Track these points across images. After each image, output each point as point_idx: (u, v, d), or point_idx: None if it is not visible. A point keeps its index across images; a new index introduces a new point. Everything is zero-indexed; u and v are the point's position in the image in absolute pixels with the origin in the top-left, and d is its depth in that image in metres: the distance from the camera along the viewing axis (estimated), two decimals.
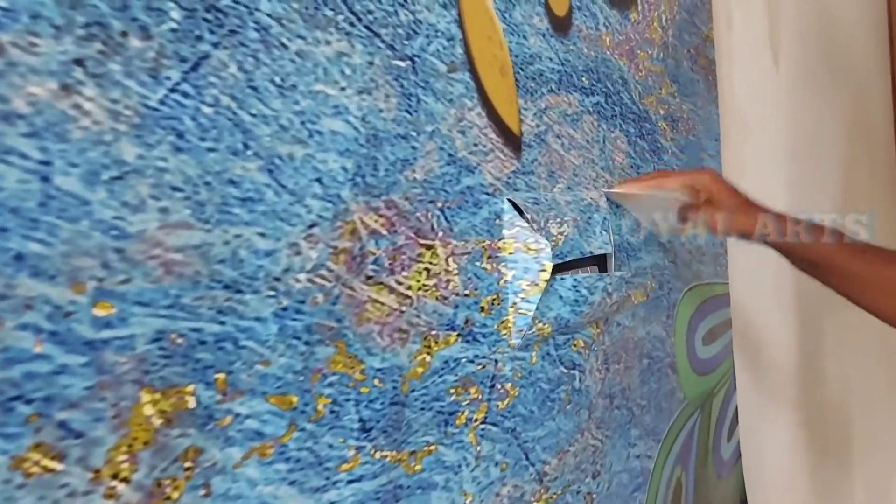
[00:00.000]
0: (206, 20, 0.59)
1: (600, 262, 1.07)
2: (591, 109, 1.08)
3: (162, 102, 0.55)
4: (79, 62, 0.51)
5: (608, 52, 1.14)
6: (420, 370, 0.77)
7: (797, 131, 1.59)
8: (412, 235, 0.76)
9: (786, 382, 1.41)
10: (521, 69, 0.94)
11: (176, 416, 0.56)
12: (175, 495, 0.56)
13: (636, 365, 1.16)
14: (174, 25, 0.56)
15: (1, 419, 0.47)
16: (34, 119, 0.48)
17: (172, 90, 0.56)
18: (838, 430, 1.45)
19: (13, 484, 0.47)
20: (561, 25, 1.03)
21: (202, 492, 0.57)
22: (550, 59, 1.00)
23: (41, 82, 0.49)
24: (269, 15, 0.63)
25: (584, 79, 1.07)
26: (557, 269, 0.95)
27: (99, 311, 0.51)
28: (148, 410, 0.54)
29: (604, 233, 1.04)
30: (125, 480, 0.53)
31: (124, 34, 0.53)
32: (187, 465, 0.57)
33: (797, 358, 1.42)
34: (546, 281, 0.89)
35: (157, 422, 0.55)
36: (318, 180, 0.67)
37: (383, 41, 0.74)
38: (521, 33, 0.95)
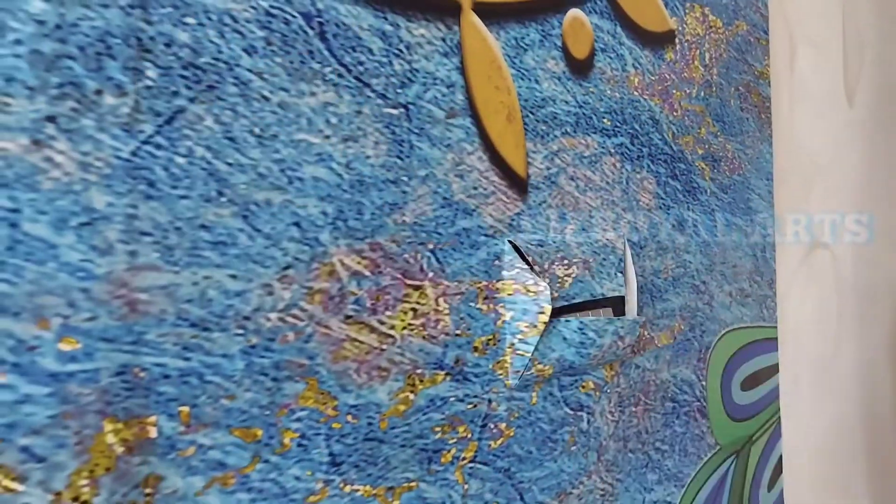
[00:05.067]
0: (182, 77, 0.64)
1: (619, 304, 1.07)
2: (612, 151, 1.09)
3: (134, 154, 0.60)
4: (51, 119, 0.56)
5: (636, 93, 1.14)
6: (402, 408, 0.79)
7: (871, 170, 1.54)
8: (399, 276, 0.79)
9: (839, 430, 1.36)
10: (531, 112, 0.96)
11: (137, 444, 0.60)
12: None
13: (658, 408, 1.15)
14: (150, 83, 0.62)
15: None
16: (4, 171, 0.54)
17: (145, 142, 0.61)
18: (893, 485, 1.38)
19: None
20: (580, 68, 1.04)
21: None
22: (566, 102, 1.01)
23: (12, 138, 0.54)
24: (249, 70, 0.68)
25: (605, 120, 1.08)
26: (565, 310, 0.96)
27: (64, 346, 0.56)
28: (110, 439, 0.59)
29: (618, 275, 1.04)
30: (86, 503, 0.57)
31: (98, 92, 0.59)
32: (147, 490, 0.61)
33: (853, 404, 1.37)
34: (546, 323, 0.90)
35: (119, 449, 0.59)
36: (297, 224, 0.71)
37: (374, 90, 0.78)
38: (533, 78, 0.97)
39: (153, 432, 0.61)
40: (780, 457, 1.38)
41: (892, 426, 1.39)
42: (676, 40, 1.25)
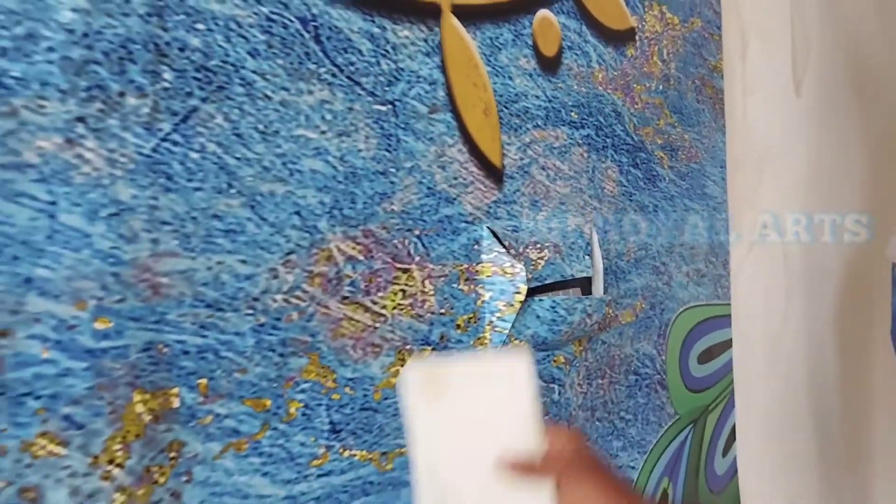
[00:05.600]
0: (195, 78, 0.70)
1: (586, 284, 1.15)
2: (580, 142, 1.16)
3: (154, 150, 0.66)
4: (81, 119, 0.62)
5: (601, 88, 1.22)
6: (394, 380, 0.86)
7: (819, 157, 1.64)
8: (389, 260, 0.86)
9: (787, 402, 1.46)
10: (506, 107, 1.03)
11: (163, 414, 0.67)
12: (161, 480, 0.66)
13: (622, 380, 1.23)
14: (166, 85, 0.67)
15: (13, 411, 0.58)
16: (42, 168, 0.59)
17: (164, 139, 0.67)
18: (841, 451, 1.49)
19: (23, 463, 0.58)
20: (549, 65, 1.12)
21: (184, 478, 0.68)
22: (537, 97, 1.09)
23: (48, 137, 0.60)
24: (254, 71, 0.74)
25: (573, 113, 1.15)
26: (538, 290, 1.03)
27: (99, 325, 0.62)
28: (139, 408, 0.65)
29: (586, 257, 1.12)
30: (119, 466, 0.64)
31: (122, 94, 0.64)
32: (172, 455, 0.67)
33: (800, 377, 1.47)
34: (521, 302, 0.97)
35: (147, 418, 0.66)
36: (297, 213, 0.77)
37: (364, 88, 0.84)
38: (507, 74, 1.04)
39: (176, 402, 0.67)
40: (734, 425, 1.48)
41: (837, 396, 1.49)
42: (637, 37, 1.33)
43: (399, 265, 0.87)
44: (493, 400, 0.62)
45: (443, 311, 0.92)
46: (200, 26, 0.70)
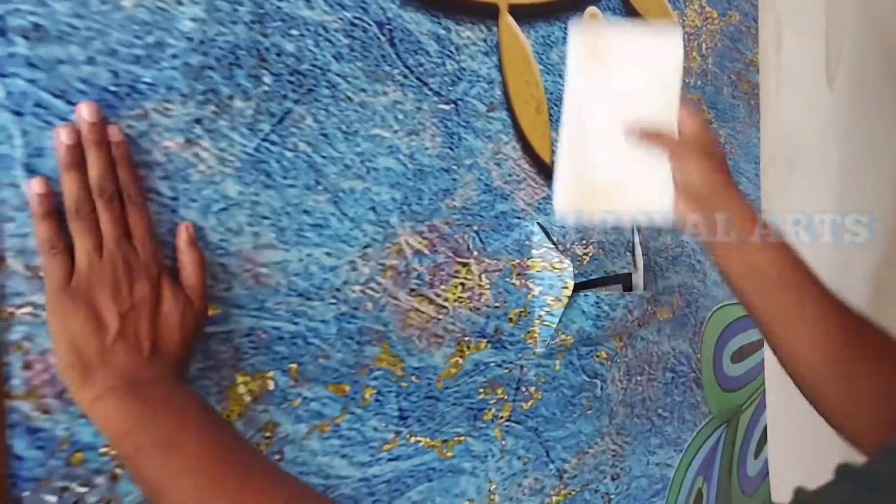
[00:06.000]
0: (290, 82, 0.82)
1: (627, 280, 1.29)
2: None
3: (256, 150, 0.79)
4: (198, 121, 0.75)
5: None
6: (453, 371, 0.99)
7: (850, 152, 1.79)
8: (450, 255, 0.99)
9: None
10: (556, 105, 1.17)
11: (261, 395, 0.80)
12: None
13: (659, 378, 1.37)
14: (266, 88, 0.80)
15: None
16: (167, 166, 0.72)
17: (264, 140, 0.80)
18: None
19: None
20: None
21: (277, 457, 0.81)
22: None
23: (172, 137, 0.73)
24: (338, 74, 0.87)
25: None
26: (582, 286, 1.17)
27: (209, 311, 0.75)
28: (241, 389, 0.78)
29: (628, 254, 1.26)
30: None
31: (230, 97, 0.77)
32: (267, 434, 0.80)
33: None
34: (569, 297, 1.11)
35: (248, 399, 0.79)
36: (373, 209, 0.90)
37: (430, 89, 0.97)
38: (557, 72, 1.17)
39: (272, 385, 0.80)
40: (766, 427, 1.63)
41: None
42: None
43: (459, 259, 1.00)
44: (643, 70, 0.90)
45: (497, 304, 1.06)
46: (294, 32, 0.83)
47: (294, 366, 0.82)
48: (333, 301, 0.86)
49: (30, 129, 0.64)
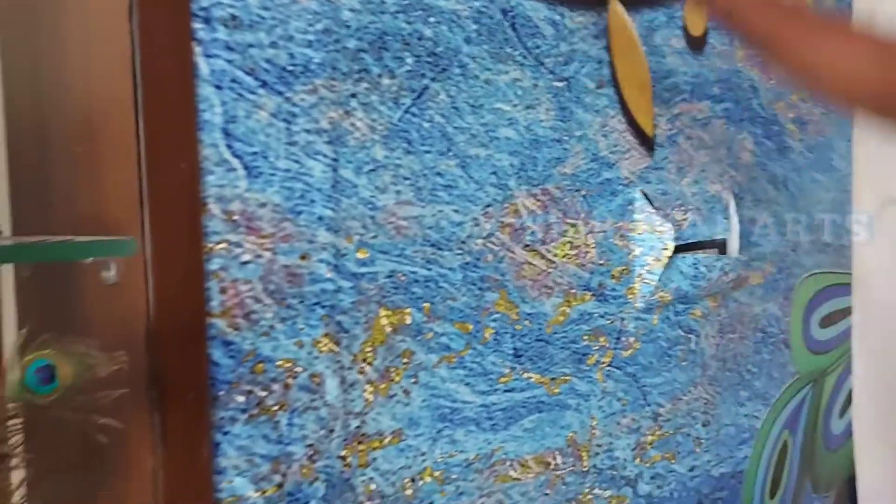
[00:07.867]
0: (427, 62, 0.95)
1: (723, 246, 1.38)
2: (720, 114, 1.38)
3: (399, 120, 0.92)
4: (353, 95, 0.88)
5: (740, 65, 1.43)
6: (561, 318, 1.11)
7: None
8: (560, 216, 1.10)
9: None
10: (658, 82, 1.26)
11: (399, 328, 0.93)
12: (397, 378, 0.93)
13: (750, 337, 1.45)
14: (409, 67, 0.93)
15: (307, 315, 0.85)
16: (332, 133, 0.85)
17: (406, 112, 0.92)
18: None
19: (312, 355, 0.85)
20: (697, 44, 1.33)
21: (413, 380, 0.94)
22: (685, 73, 1.31)
23: (335, 109, 0.86)
24: (467, 55, 0.99)
25: (715, 88, 1.37)
26: (681, 249, 1.26)
27: (360, 255, 0.89)
28: (383, 321, 0.91)
29: (724, 220, 1.34)
30: (369, 364, 0.90)
31: (380, 76, 0.90)
32: (405, 361, 0.94)
33: None
34: (668, 258, 1.20)
35: (388, 330, 0.92)
36: (494, 173, 1.02)
37: (546, 68, 1.08)
38: (660, 53, 1.26)
39: (408, 320, 0.94)
40: (851, 390, 1.68)
41: None
42: None
43: (568, 220, 1.11)
44: None
45: (601, 262, 1.16)
46: (432, 19, 0.95)
47: (427, 305, 0.95)
48: (460, 252, 0.98)
49: (227, 100, 0.78)
